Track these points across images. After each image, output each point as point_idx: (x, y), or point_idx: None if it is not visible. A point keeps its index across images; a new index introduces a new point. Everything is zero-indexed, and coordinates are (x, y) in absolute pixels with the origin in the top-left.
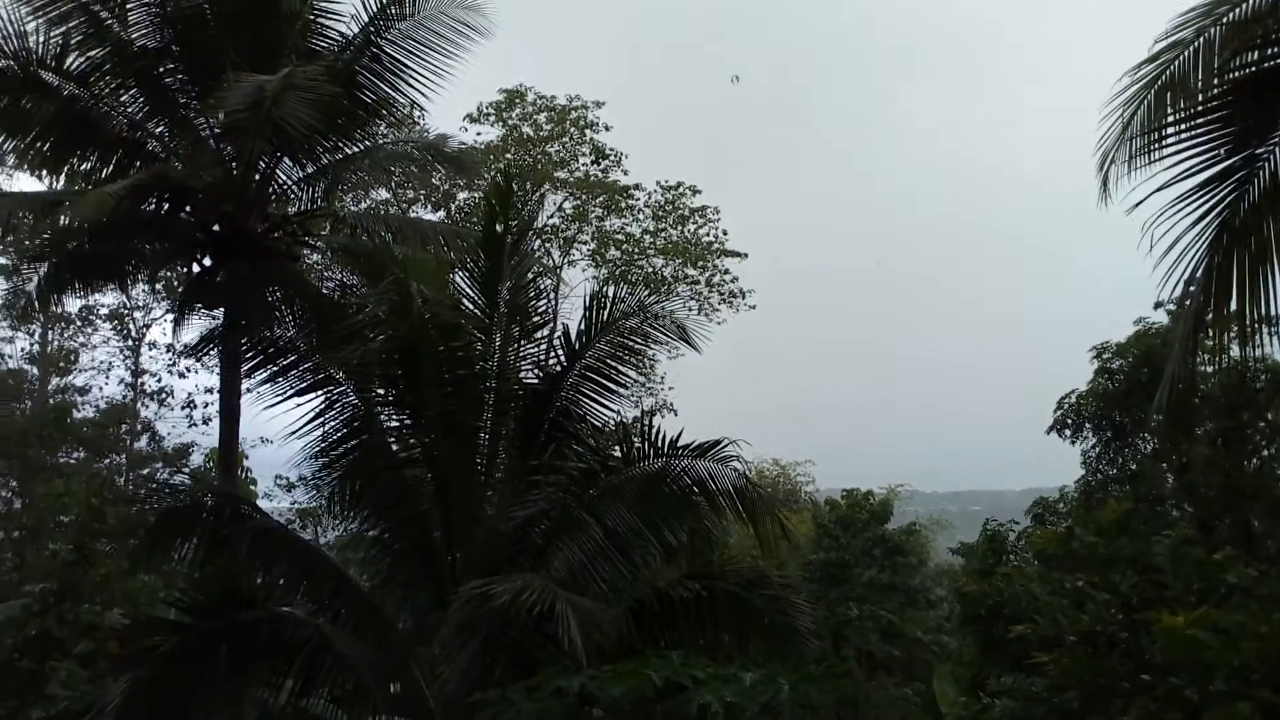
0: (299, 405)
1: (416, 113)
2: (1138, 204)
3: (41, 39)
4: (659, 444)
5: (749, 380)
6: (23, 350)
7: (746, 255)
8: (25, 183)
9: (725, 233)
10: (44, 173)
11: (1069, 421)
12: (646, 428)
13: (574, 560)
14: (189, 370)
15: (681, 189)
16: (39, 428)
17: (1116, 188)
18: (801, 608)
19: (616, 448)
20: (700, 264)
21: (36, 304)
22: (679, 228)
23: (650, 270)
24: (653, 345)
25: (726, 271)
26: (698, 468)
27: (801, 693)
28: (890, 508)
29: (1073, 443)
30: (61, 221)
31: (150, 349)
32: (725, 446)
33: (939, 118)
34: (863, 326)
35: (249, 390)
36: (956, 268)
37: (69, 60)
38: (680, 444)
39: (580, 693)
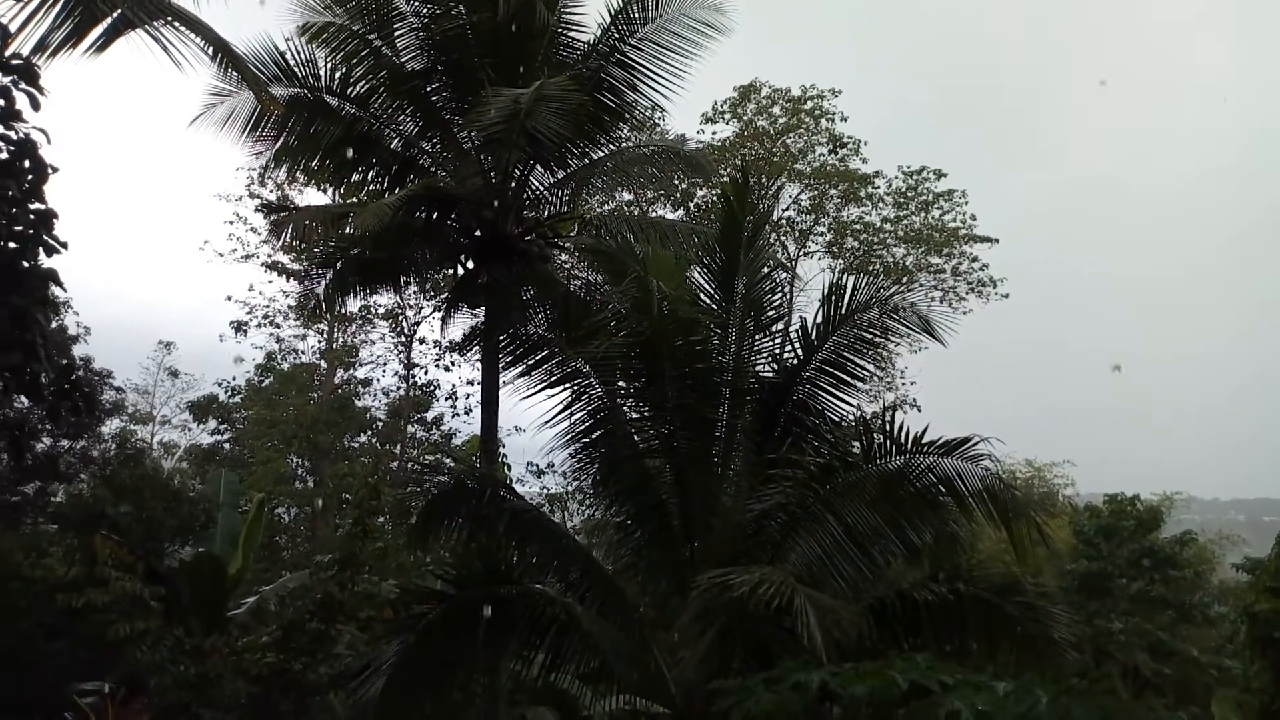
0: (550, 397)
1: (657, 114)
2: None
3: (325, 68)
4: (902, 440)
5: (1001, 375)
6: (313, 347)
7: (997, 241)
8: (311, 197)
9: (973, 217)
10: (327, 188)
11: None
12: (888, 423)
13: (811, 555)
14: (453, 364)
15: (925, 173)
16: (326, 415)
17: None
18: (1059, 618)
19: (855, 443)
20: (945, 251)
21: (324, 305)
22: (921, 214)
23: (890, 260)
24: (892, 338)
25: (975, 259)
26: (944, 466)
27: (1061, 706)
28: (1161, 515)
29: None
30: (346, 231)
31: (420, 344)
32: (975, 444)
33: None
34: (1134, 314)
35: (507, 383)
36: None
37: (350, 86)
38: (925, 440)
39: (821, 688)
